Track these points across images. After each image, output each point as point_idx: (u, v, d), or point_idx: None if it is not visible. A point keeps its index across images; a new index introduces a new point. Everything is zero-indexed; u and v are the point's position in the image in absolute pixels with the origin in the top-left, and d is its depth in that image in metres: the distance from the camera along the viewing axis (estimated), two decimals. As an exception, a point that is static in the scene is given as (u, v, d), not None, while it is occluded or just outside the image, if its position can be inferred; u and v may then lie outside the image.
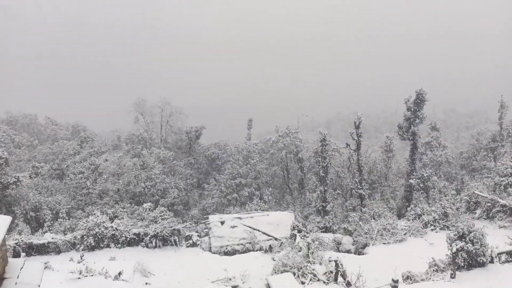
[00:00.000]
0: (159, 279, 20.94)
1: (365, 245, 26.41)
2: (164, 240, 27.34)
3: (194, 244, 28.12)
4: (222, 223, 29.15)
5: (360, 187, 36.69)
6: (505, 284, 15.85)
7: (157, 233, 27.05)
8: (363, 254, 25.18)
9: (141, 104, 57.66)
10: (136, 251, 26.27)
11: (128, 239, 27.31)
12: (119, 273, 19.89)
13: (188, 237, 28.47)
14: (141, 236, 27.55)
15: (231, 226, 28.67)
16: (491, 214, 27.97)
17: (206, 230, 30.17)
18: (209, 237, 28.35)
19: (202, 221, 32.72)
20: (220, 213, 34.51)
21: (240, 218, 29.71)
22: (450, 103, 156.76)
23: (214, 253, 26.73)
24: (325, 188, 35.84)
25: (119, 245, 27.11)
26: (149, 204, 33.84)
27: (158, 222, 28.47)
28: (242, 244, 27.35)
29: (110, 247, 26.90)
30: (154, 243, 27.05)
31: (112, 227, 27.32)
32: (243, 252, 26.64)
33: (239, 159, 42.20)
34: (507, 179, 30.92)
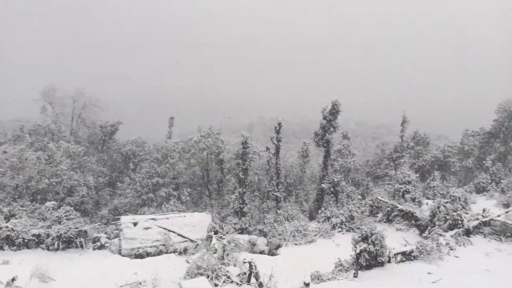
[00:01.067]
0: (61, 285, 19.22)
1: (278, 246, 27.27)
2: (68, 242, 25.19)
3: (102, 247, 26.39)
4: (135, 224, 27.84)
5: (277, 190, 37.90)
6: (400, 281, 17.51)
7: (61, 234, 24.81)
8: (276, 254, 25.94)
9: (50, 93, 52.72)
10: (35, 254, 23.80)
11: (26, 240, 24.67)
12: (13, 279, 17.80)
13: (96, 239, 26.64)
14: (41, 238, 25.05)
15: (145, 228, 27.52)
16: (390, 218, 30.73)
17: (117, 231, 28.55)
18: (120, 239, 26.86)
19: (113, 222, 30.94)
20: (133, 213, 32.97)
21: (154, 219, 28.67)
22: (362, 115, 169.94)
23: (124, 256, 25.37)
24: (244, 190, 36.28)
25: (15, 247, 24.37)
26: (53, 202, 31.00)
27: (62, 223, 26.14)
28: (155, 246, 26.40)
29: (4, 250, 24.06)
30: (56, 245, 24.77)
31: (7, 227, 24.46)
32: (156, 255, 25.72)
33: (158, 158, 40.81)
34: (404, 187, 34.31)
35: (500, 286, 16.49)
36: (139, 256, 25.56)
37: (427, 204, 32.38)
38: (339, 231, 29.30)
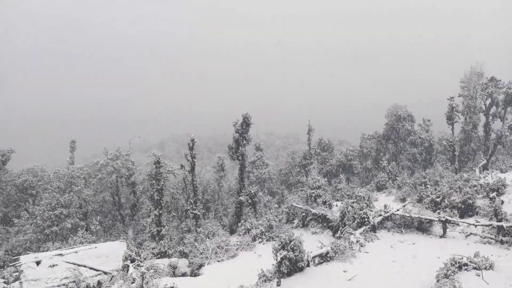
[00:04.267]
0: None
1: (200, 266, 26.64)
2: (-47, 296, 21.47)
3: (-1, 294, 23.03)
4: (38, 263, 24.85)
5: (195, 207, 37.21)
6: (319, 283, 18.37)
7: None
8: (199, 275, 25.28)
9: None
10: None
11: None
12: None
13: (-10, 287, 23.17)
14: None
15: (50, 265, 24.71)
16: (306, 222, 32.19)
17: (17, 273, 25.20)
18: (20, 282, 23.70)
19: (11, 264, 27.24)
20: (35, 251, 29.48)
21: (61, 254, 25.92)
22: (270, 126, 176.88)
23: (27, 300, 22.45)
24: (160, 211, 34.90)
25: None
26: None
27: None
28: (64, 285, 23.80)
29: None
30: None
31: None
32: (66, 294, 23.24)
33: (60, 187, 37.24)
34: (316, 191, 36.36)
35: (405, 273, 18.29)
36: (45, 298, 22.85)
37: (336, 205, 34.74)
38: (259, 242, 29.70)
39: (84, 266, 25.18)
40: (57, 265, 24.95)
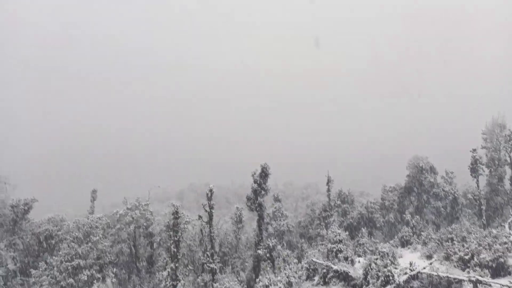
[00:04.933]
0: None
1: (216, 325, 25.52)
2: None
3: None
4: (52, 317, 24.34)
5: (212, 261, 36.34)
6: None
7: None
8: (215, 335, 24.14)
9: None
10: None
11: None
12: None
13: None
14: None
15: (64, 321, 24.15)
16: (326, 280, 30.78)
17: (29, 328, 24.64)
18: (32, 338, 23.10)
19: (24, 318, 26.77)
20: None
21: (75, 308, 25.40)
22: (289, 176, 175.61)
23: None
24: (176, 264, 34.20)
25: None
26: None
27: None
28: None
29: None
30: None
31: None
32: None
33: (79, 237, 37.29)
34: (337, 246, 35.08)
35: None
36: None
37: (359, 262, 33.24)
38: (278, 300, 28.46)
39: (98, 322, 24.49)
40: (70, 320, 24.36)
